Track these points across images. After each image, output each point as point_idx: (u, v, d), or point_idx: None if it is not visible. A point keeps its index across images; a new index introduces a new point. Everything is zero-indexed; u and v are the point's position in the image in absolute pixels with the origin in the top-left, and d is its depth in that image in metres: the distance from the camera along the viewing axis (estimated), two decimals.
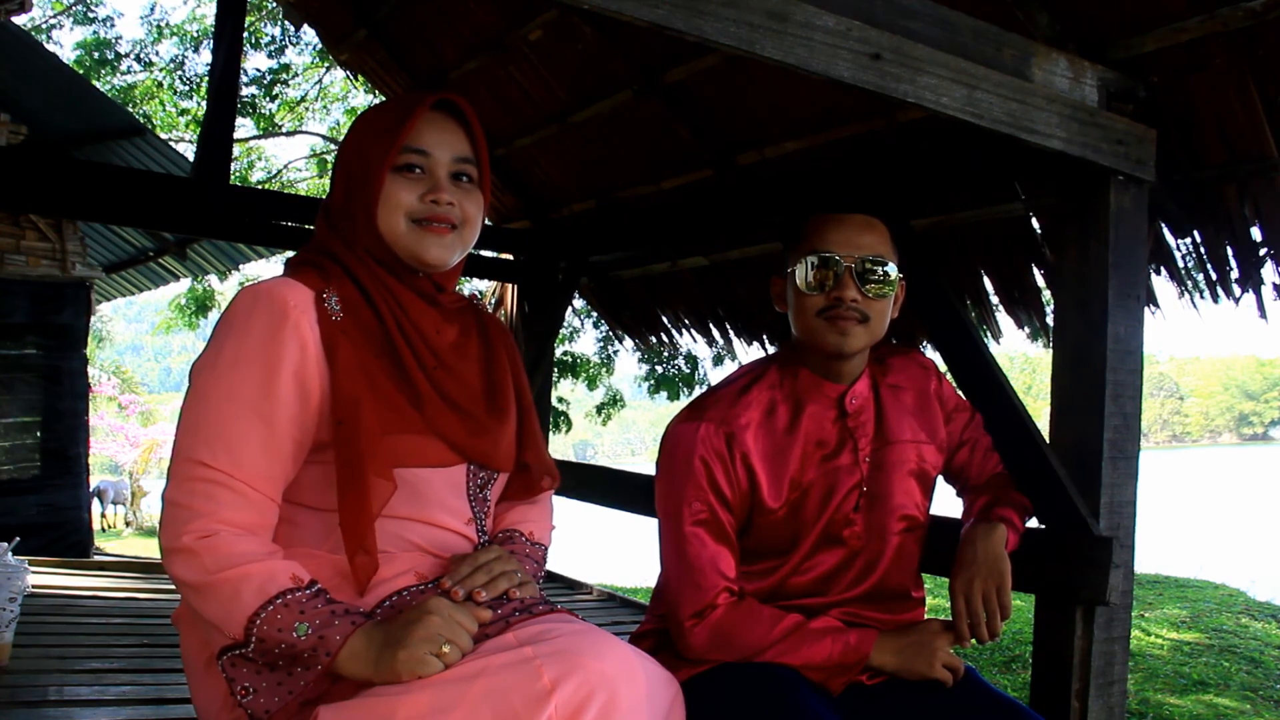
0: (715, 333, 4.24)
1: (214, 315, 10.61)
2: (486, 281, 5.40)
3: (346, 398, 1.18)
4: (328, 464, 1.19)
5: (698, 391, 8.64)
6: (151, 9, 11.21)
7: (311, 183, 11.68)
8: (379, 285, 1.28)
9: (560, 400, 8.65)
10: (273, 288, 1.21)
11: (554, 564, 1.47)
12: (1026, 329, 2.84)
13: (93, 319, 7.77)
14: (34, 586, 2.83)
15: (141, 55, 10.88)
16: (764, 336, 4.00)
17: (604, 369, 9.35)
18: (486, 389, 1.38)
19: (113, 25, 10.89)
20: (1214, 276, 2.31)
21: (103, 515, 14.16)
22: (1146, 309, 2.04)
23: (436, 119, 1.31)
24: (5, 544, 2.51)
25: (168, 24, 11.00)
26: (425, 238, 1.28)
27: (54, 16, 10.63)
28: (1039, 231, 2.65)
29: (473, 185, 1.33)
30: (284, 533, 1.22)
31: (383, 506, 1.20)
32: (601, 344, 9.22)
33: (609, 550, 11.31)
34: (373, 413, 1.19)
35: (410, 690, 1.02)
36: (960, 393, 1.84)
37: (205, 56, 10.58)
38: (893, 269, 1.53)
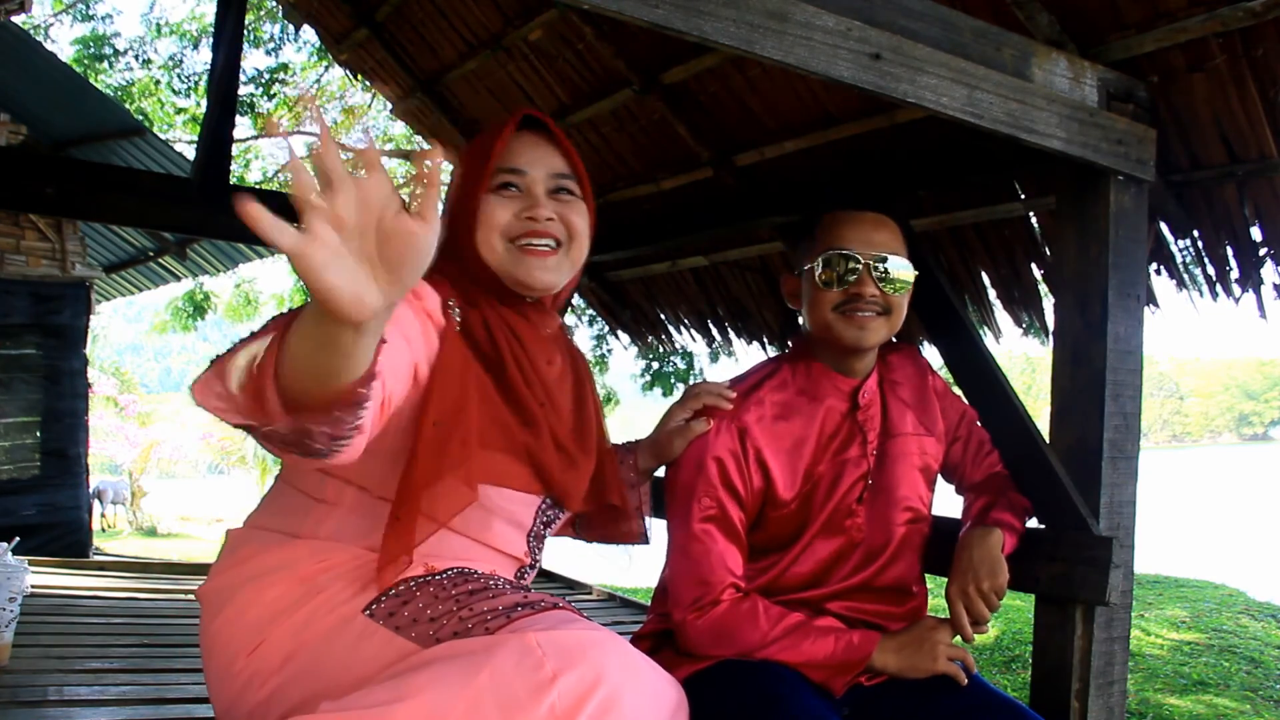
0: (715, 333, 4.24)
1: (211, 318, 10.55)
2: None
3: (451, 401, 1.15)
4: (385, 453, 1.13)
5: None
6: (151, 7, 11.19)
7: None
8: (493, 312, 1.25)
9: None
10: None
11: (554, 564, 1.46)
12: (1025, 325, 2.84)
13: (92, 319, 7.76)
14: (34, 586, 2.83)
15: (139, 54, 10.85)
16: (763, 337, 4.00)
17: (599, 366, 9.34)
18: (576, 425, 1.35)
19: (111, 22, 10.87)
20: (1214, 276, 2.31)
21: (102, 515, 14.17)
22: (1146, 309, 2.03)
23: (528, 138, 1.30)
24: (5, 544, 2.51)
25: (167, 22, 10.98)
26: (524, 260, 1.26)
27: (54, 16, 10.62)
28: (1039, 231, 2.65)
29: (574, 198, 1.31)
30: (329, 517, 1.21)
31: (455, 514, 1.18)
32: (595, 341, 9.21)
33: (609, 550, 11.28)
34: (476, 423, 1.16)
35: (414, 680, 1.02)
36: (954, 388, 1.86)
37: (204, 54, 10.56)
38: (907, 265, 1.58)
